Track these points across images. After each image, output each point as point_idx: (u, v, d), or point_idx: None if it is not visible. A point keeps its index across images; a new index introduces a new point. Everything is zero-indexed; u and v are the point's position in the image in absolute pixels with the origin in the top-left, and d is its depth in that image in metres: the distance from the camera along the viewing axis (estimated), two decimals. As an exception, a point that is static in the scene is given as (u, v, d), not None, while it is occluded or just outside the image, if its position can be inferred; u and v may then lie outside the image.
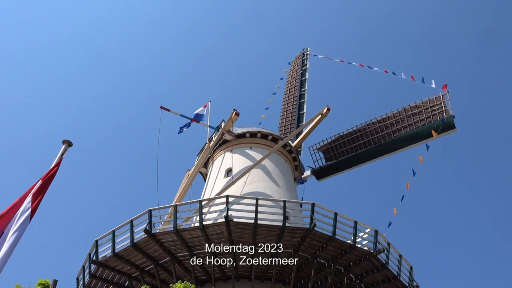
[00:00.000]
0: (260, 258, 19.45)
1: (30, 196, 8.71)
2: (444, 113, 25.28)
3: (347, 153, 29.90)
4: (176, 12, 77.40)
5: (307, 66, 37.58)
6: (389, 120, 28.00)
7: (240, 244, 19.45)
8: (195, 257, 19.45)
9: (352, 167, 29.95)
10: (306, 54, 38.38)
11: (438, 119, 25.42)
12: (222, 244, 19.39)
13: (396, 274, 20.22)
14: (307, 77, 36.73)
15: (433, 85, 24.69)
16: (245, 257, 19.71)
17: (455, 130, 25.08)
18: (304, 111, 34.10)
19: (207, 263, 20.08)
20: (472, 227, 64.59)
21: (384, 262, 19.75)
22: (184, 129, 28.77)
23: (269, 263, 19.81)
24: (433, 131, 23.96)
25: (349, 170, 30.19)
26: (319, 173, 30.92)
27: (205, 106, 29.46)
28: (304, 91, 35.77)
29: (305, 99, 35.03)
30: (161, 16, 76.00)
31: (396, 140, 27.71)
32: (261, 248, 19.17)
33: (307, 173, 30.98)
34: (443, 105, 25.58)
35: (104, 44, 72.83)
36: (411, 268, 21.21)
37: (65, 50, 69.30)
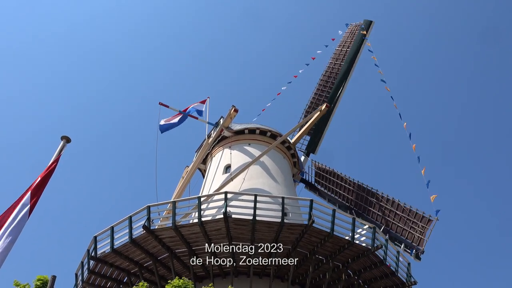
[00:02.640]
0: (259, 258, 19.52)
1: (29, 192, 8.72)
2: (419, 241, 23.41)
3: (330, 190, 29.92)
4: (175, 8, 77.22)
5: (361, 48, 33.20)
6: (375, 199, 26.85)
7: (239, 241, 19.53)
8: (195, 256, 19.48)
9: (330, 203, 29.41)
10: (364, 34, 33.11)
11: (412, 241, 23.71)
12: (220, 240, 19.45)
13: (394, 270, 20.30)
14: (355, 63, 33.05)
15: (432, 201, 22.53)
16: (243, 253, 19.80)
17: (418, 261, 23.28)
18: (342, 90, 32.22)
19: (206, 260, 20.15)
20: (470, 223, 64.83)
21: (382, 258, 19.83)
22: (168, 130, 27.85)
23: (268, 262, 19.89)
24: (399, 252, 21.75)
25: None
26: (308, 185, 31.45)
27: (204, 102, 29.41)
28: (352, 65, 32.76)
29: (349, 75, 32.49)
30: (161, 12, 75.86)
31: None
32: (260, 247, 19.21)
33: (303, 159, 31.36)
34: (424, 231, 23.49)
35: (103, 40, 72.68)
36: (409, 264, 21.30)
37: (63, 46, 69.15)
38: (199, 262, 20.10)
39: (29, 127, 64.09)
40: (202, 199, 19.70)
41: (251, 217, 18.59)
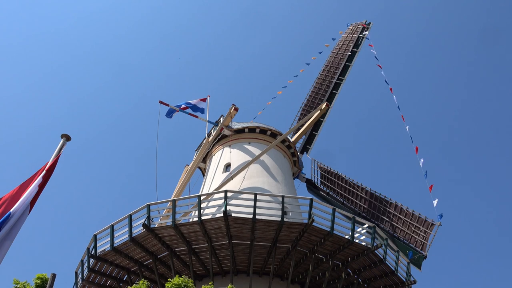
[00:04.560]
0: (259, 256, 19.51)
1: (29, 190, 8.72)
2: (422, 246, 23.18)
3: (334, 191, 29.69)
4: (176, 6, 77.15)
5: (361, 45, 34.10)
6: (379, 203, 26.61)
7: (239, 240, 19.54)
8: (194, 255, 19.47)
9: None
10: (364, 33, 34.21)
11: (415, 245, 23.49)
12: (220, 239, 19.46)
13: (393, 269, 20.31)
14: (354, 59, 33.79)
15: (434, 204, 22.24)
16: (243, 252, 19.83)
17: (419, 270, 22.91)
18: (338, 91, 32.60)
19: (205, 259, 20.17)
20: (470, 222, 64.84)
21: (381, 257, 19.84)
22: (174, 113, 28.10)
23: (268, 261, 19.92)
24: (402, 255, 21.69)
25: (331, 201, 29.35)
26: (312, 187, 31.29)
27: (204, 100, 29.39)
28: (348, 66, 33.33)
29: (345, 77, 32.88)
30: (161, 10, 75.77)
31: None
32: (260, 246, 19.23)
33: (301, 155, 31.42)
34: (426, 236, 23.25)
35: (103, 38, 72.64)
36: (408, 263, 21.30)
37: (63, 44, 69.08)
38: (199, 261, 20.14)
39: (29, 125, 64.14)
40: (202, 197, 19.70)
41: (251, 216, 18.59)
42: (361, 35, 34.24)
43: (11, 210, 8.25)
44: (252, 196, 18.88)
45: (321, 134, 32.59)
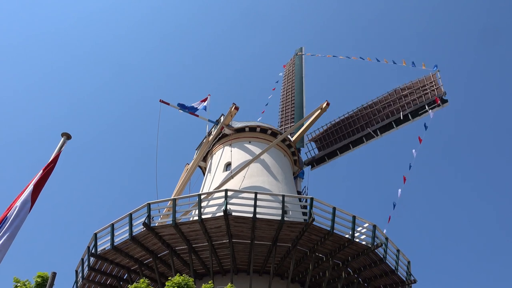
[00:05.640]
0: (259, 255, 19.52)
1: (29, 189, 8.72)
2: (436, 91, 25.49)
3: (339, 140, 30.23)
4: (176, 6, 77.11)
5: (303, 65, 38.09)
6: (380, 104, 28.21)
7: (239, 239, 19.55)
8: (195, 254, 19.49)
9: (345, 152, 30.19)
10: (301, 55, 39.21)
11: (430, 97, 25.65)
12: (220, 238, 19.47)
13: (393, 268, 20.32)
14: (303, 75, 37.19)
15: (424, 67, 25.29)
16: (243, 251, 19.84)
17: (447, 104, 25.41)
18: (304, 105, 34.33)
19: (206, 258, 20.18)
20: (471, 221, 64.85)
21: (382, 256, 19.84)
22: (187, 110, 28.45)
23: (268, 260, 19.92)
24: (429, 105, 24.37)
25: (341, 156, 30.35)
26: (313, 162, 31.64)
27: (204, 100, 29.39)
28: (301, 87, 36.00)
29: (303, 95, 35.20)
30: (161, 10, 75.72)
31: (389, 125, 27.99)
32: (260, 245, 19.24)
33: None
34: (434, 83, 25.80)
35: (104, 37, 72.62)
36: (408, 262, 21.31)
37: (63, 44, 69.06)
38: (199, 260, 20.15)
39: (30, 124, 64.16)
40: (202, 196, 19.71)
41: (251, 215, 18.60)
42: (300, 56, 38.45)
43: (11, 210, 8.26)
44: (253, 195, 18.88)
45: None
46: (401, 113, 27.08)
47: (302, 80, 36.85)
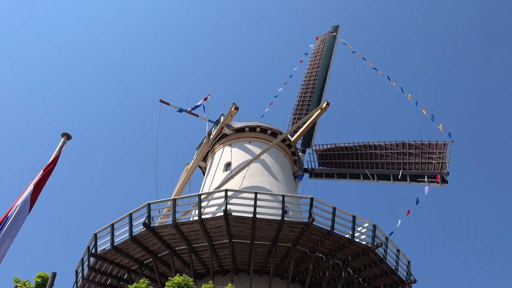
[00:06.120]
0: (259, 255, 19.49)
1: (29, 189, 8.73)
2: (441, 166, 23.58)
3: (339, 165, 29.90)
4: (176, 6, 77.08)
5: (334, 49, 35.60)
6: (385, 149, 27.07)
7: (239, 239, 19.54)
8: (195, 254, 19.47)
9: (342, 179, 29.83)
10: (334, 36, 36.03)
11: (433, 170, 23.93)
12: (220, 238, 19.47)
13: (393, 268, 20.31)
14: (331, 59, 35.02)
15: (440, 129, 22.98)
16: (243, 251, 19.83)
17: (446, 185, 23.57)
18: (324, 94, 33.28)
19: (206, 258, 20.18)
20: (471, 221, 64.83)
21: (382, 256, 19.84)
22: (189, 109, 28.43)
23: (268, 260, 19.92)
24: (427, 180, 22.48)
25: (338, 180, 30.01)
26: (312, 173, 31.56)
27: (204, 100, 29.41)
28: (326, 73, 34.22)
29: (326, 81, 33.71)
30: (161, 10, 75.69)
31: (387, 176, 27.02)
32: (260, 245, 19.23)
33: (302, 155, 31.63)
34: (442, 155, 23.86)
35: (104, 37, 72.60)
36: (408, 262, 21.31)
37: (63, 44, 69.03)
38: (199, 260, 20.14)
39: (30, 124, 64.14)
40: (202, 196, 19.70)
41: (251, 215, 18.59)
42: (332, 38, 35.97)
43: (11, 210, 8.26)
44: (253, 195, 18.88)
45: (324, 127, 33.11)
46: (401, 171, 25.92)
47: (328, 65, 34.80)
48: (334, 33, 35.95)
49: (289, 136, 29.96)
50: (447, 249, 61.00)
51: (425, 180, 23.68)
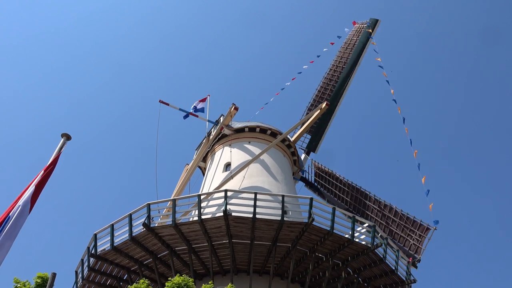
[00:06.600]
0: (259, 255, 19.48)
1: (29, 190, 8.74)
2: (416, 250, 22.92)
3: (330, 192, 29.87)
4: (176, 6, 77.08)
5: (366, 47, 33.06)
6: (373, 203, 26.61)
7: (239, 239, 19.55)
8: (194, 254, 19.47)
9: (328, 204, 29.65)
10: (370, 33, 32.85)
11: (408, 250, 23.31)
12: (220, 238, 19.48)
13: (393, 268, 20.33)
14: (361, 57, 32.97)
15: (430, 209, 22.25)
16: (243, 251, 19.84)
17: (414, 268, 22.64)
18: (344, 91, 32.20)
19: (205, 258, 20.18)
20: (471, 221, 64.85)
21: (381, 256, 19.85)
22: (191, 111, 28.46)
23: (268, 260, 19.93)
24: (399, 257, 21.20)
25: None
26: (307, 184, 31.61)
27: (204, 100, 29.42)
28: (352, 70, 32.64)
29: (350, 78, 32.37)
30: (161, 10, 75.69)
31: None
32: (260, 245, 19.23)
33: (303, 156, 31.60)
34: (421, 240, 23.03)
35: (103, 38, 72.57)
36: (408, 262, 21.32)
37: (63, 44, 69.02)
38: (199, 260, 20.15)
39: (30, 124, 64.11)
40: (202, 197, 19.71)
41: (251, 215, 18.61)
42: (367, 34, 33.55)
43: (12, 210, 8.27)
44: (252, 196, 18.89)
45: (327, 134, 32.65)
46: (381, 233, 24.26)
47: (357, 62, 32.76)
48: (370, 30, 32.73)
49: (289, 136, 29.99)
50: (447, 249, 61.04)
51: (400, 256, 21.89)
